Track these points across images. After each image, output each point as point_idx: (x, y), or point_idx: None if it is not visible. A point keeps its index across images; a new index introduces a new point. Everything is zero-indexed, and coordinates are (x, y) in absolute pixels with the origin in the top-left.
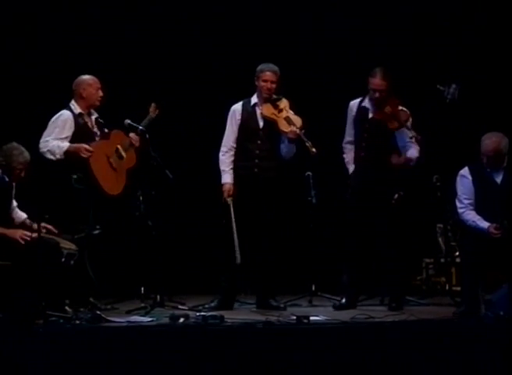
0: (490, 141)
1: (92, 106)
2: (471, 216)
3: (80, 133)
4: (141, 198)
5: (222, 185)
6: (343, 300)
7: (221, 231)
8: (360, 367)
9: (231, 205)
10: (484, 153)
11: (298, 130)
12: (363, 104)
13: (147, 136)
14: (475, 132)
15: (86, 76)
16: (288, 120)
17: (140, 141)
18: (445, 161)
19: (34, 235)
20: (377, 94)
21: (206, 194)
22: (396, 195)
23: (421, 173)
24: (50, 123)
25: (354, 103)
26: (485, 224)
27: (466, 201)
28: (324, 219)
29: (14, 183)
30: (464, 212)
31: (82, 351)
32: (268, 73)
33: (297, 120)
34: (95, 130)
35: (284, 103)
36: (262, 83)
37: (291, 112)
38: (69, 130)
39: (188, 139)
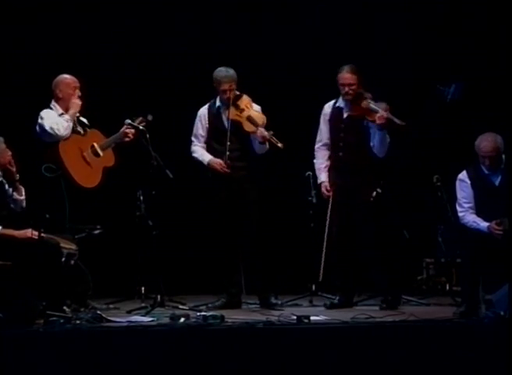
0: (487, 142)
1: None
2: (472, 218)
3: None
4: (142, 198)
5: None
6: (336, 299)
7: (222, 232)
8: (361, 367)
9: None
10: (485, 155)
11: (265, 132)
12: (337, 105)
13: (148, 136)
14: (475, 132)
15: (63, 76)
16: (251, 120)
17: (137, 138)
18: (445, 161)
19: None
20: (346, 89)
21: (206, 194)
22: (374, 193)
23: (421, 173)
24: (43, 114)
25: (329, 105)
26: (485, 224)
27: (466, 205)
28: (324, 219)
29: (4, 180)
30: (464, 215)
31: (82, 351)
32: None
33: (259, 117)
34: (79, 129)
35: (245, 101)
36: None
37: (255, 107)
38: None
39: (188, 138)
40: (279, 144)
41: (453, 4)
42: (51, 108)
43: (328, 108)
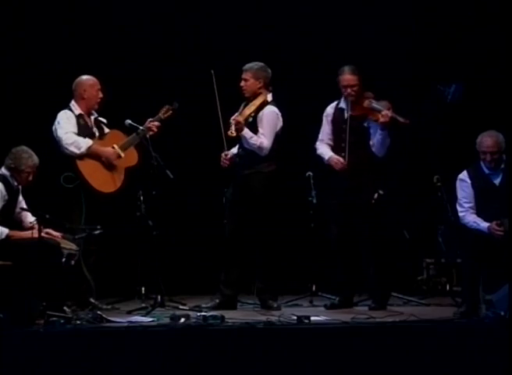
0: (489, 137)
1: (92, 108)
2: (472, 218)
3: (81, 133)
4: (142, 198)
5: None
6: (336, 300)
7: (221, 232)
8: (361, 367)
9: None
10: (486, 151)
11: (231, 119)
12: (339, 106)
13: (148, 136)
14: (475, 132)
15: (86, 77)
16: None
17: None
18: (445, 161)
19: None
20: (348, 90)
21: (206, 194)
22: (376, 195)
23: (421, 174)
24: (61, 118)
25: (331, 106)
26: (485, 224)
27: (466, 205)
28: (324, 219)
29: (21, 187)
30: (464, 216)
31: (82, 351)
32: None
33: (243, 112)
34: (94, 130)
35: (258, 99)
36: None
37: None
38: (76, 127)
39: (188, 138)
40: (229, 132)
41: (453, 4)
42: (69, 109)
43: (330, 109)
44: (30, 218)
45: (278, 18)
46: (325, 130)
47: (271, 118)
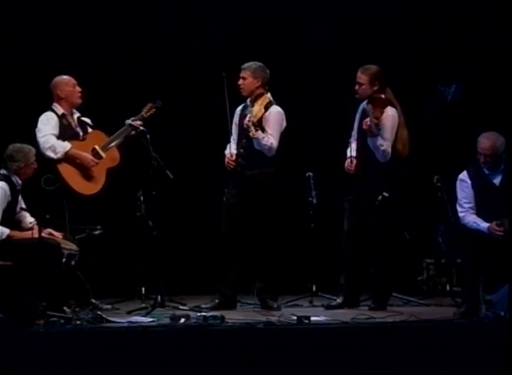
0: (486, 139)
1: (74, 104)
2: (472, 218)
3: (64, 133)
4: (142, 199)
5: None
6: (338, 300)
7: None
8: (361, 368)
9: None
10: (481, 152)
11: (246, 121)
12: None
13: (148, 136)
14: (475, 132)
15: (59, 77)
16: (250, 112)
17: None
18: (445, 161)
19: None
20: (356, 87)
21: (206, 195)
22: (380, 197)
23: (421, 174)
24: (40, 121)
25: (363, 103)
26: (485, 224)
27: (466, 205)
28: (324, 220)
29: (21, 187)
30: (464, 216)
31: (83, 351)
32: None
33: (256, 114)
34: (78, 129)
35: (263, 99)
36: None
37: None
38: (56, 129)
39: (189, 139)
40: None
41: (453, 4)
42: (52, 110)
43: (361, 107)
44: (29, 218)
45: (278, 18)
46: (355, 127)
47: (277, 118)
